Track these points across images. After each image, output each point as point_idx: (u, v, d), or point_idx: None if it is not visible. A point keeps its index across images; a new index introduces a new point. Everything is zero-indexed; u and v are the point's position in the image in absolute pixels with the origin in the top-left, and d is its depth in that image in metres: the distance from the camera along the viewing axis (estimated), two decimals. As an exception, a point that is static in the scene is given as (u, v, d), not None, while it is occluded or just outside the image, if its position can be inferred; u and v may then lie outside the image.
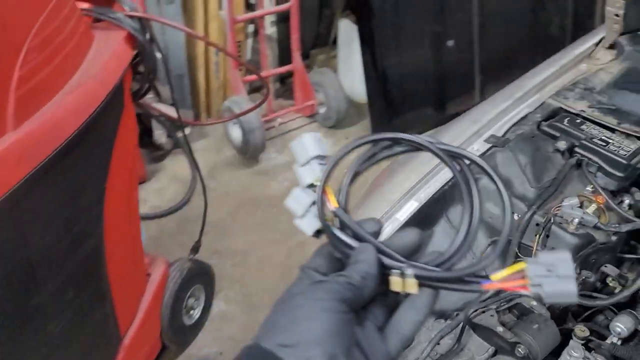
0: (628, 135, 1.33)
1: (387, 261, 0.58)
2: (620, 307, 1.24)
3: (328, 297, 0.53)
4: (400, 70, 3.18)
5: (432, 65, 3.30)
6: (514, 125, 1.39)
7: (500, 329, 1.21)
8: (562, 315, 1.33)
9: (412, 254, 0.60)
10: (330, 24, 3.82)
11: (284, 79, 3.81)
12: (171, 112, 2.57)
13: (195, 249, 2.15)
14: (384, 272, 0.58)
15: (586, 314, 1.34)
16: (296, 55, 3.37)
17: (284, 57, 3.52)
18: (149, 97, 2.57)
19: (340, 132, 3.55)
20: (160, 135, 3.12)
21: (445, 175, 1.25)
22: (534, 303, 1.27)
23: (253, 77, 3.35)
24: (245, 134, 3.13)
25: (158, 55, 1.55)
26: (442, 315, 1.24)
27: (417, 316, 0.58)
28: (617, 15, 1.50)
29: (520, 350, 1.16)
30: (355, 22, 3.36)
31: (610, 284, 1.32)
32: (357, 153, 0.64)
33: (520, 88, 1.51)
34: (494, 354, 1.23)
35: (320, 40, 3.91)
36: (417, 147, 0.61)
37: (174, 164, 3.24)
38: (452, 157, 0.60)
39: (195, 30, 3.24)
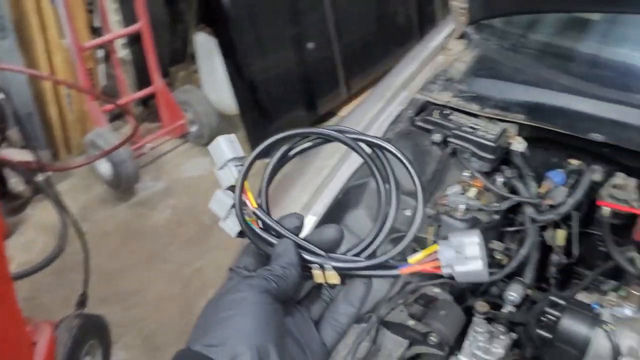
0: (491, 119, 1.44)
1: (306, 256, 0.60)
2: (509, 277, 1.34)
3: (252, 292, 0.54)
4: (266, 76, 3.19)
5: (296, 67, 3.35)
6: (391, 124, 1.44)
7: (411, 322, 1.25)
8: (461, 295, 1.41)
9: (333, 247, 0.62)
10: (186, 39, 3.71)
11: (147, 101, 3.64)
12: (25, 156, 2.32)
13: (82, 302, 1.97)
14: (306, 266, 0.60)
15: (482, 289, 1.44)
16: (155, 75, 3.22)
17: (143, 78, 3.35)
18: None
19: (216, 148, 3.47)
20: (16, 183, 2.81)
21: (336, 184, 1.27)
22: (437, 290, 1.33)
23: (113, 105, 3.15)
24: (115, 167, 2.94)
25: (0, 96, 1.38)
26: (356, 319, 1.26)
27: (351, 308, 0.61)
28: (461, 8, 1.61)
29: (433, 338, 1.21)
30: (211, 35, 3.30)
31: (497, 257, 1.43)
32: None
33: (389, 87, 1.57)
34: (409, 346, 1.28)
35: (177, 57, 3.78)
36: (327, 139, 0.63)
37: (39, 212, 2.95)
38: (368, 145, 0.62)
39: (37, 64, 2.97)
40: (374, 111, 1.48)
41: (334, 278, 0.60)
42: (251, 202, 0.62)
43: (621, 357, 0.90)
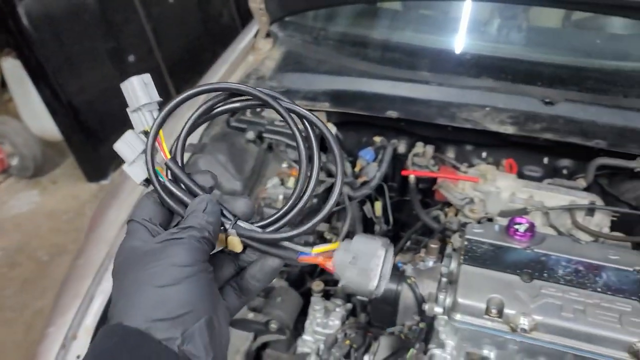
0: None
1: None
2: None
3: (191, 260, 0.50)
4: (87, 96, 3.01)
5: (120, 82, 3.20)
6: (206, 128, 1.46)
7: (251, 315, 1.30)
8: (300, 279, 1.48)
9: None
10: (-8, 66, 3.38)
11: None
12: None
13: None
14: None
15: (318, 269, 1.53)
16: (-43, 110, 2.90)
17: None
18: None
19: (45, 178, 3.22)
20: None
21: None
22: (274, 280, 1.39)
23: None
24: None
25: None
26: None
27: (258, 284, 0.58)
28: (260, 9, 1.67)
29: (273, 325, 1.27)
30: (18, 59, 3.04)
31: (327, 237, 1.52)
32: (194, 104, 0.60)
33: (201, 92, 1.59)
34: (255, 338, 1.32)
35: (-15, 86, 3.44)
36: (262, 103, 0.58)
37: None
38: (292, 113, 0.58)
39: None
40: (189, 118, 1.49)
41: (236, 245, 0.57)
42: (165, 153, 0.57)
43: (424, 304, 1.03)
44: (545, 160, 1.49)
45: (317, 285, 1.36)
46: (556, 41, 1.72)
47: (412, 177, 1.50)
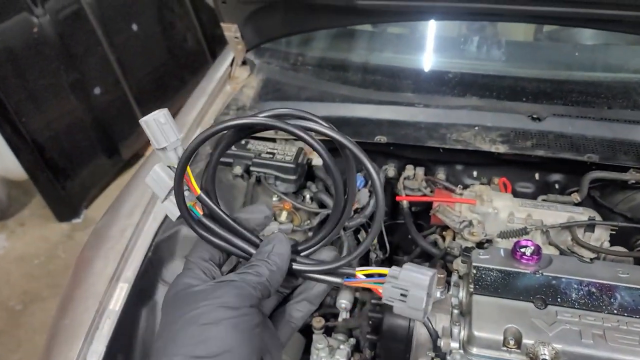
0: (287, 140, 1.48)
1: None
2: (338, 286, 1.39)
3: (238, 303, 0.51)
4: (52, 132, 2.89)
5: (86, 115, 3.10)
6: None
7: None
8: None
9: (261, 228, 0.64)
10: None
11: None
12: None
13: None
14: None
15: (316, 304, 1.48)
16: None
17: None
18: None
19: (12, 221, 3.06)
20: None
21: (143, 243, 1.18)
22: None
23: None
24: None
25: None
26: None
27: (309, 306, 0.61)
28: (236, 37, 1.63)
29: (278, 370, 1.20)
30: (-23, 96, 2.90)
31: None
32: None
33: (181, 127, 1.53)
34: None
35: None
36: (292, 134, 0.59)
37: None
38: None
39: None
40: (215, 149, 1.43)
41: None
42: (194, 189, 0.58)
43: (439, 339, 0.98)
44: (537, 176, 1.48)
45: (317, 322, 1.30)
46: (536, 55, 1.73)
47: (404, 202, 1.46)
